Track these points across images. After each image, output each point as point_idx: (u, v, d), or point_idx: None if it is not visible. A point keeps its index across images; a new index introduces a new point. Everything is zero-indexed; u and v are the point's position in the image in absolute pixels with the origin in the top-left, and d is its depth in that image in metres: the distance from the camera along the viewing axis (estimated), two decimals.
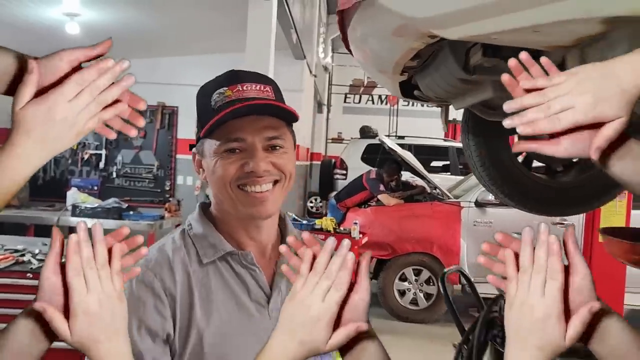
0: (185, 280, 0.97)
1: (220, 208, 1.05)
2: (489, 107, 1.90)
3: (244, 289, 1.00)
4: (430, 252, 5.42)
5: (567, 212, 2.72)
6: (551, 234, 0.77)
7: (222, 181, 0.99)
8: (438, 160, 8.83)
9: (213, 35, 7.25)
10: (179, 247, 1.01)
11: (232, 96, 0.98)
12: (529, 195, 2.34)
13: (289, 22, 6.01)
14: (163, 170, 8.06)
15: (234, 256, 1.01)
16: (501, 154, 2.33)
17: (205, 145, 1.02)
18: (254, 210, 1.00)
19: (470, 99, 1.75)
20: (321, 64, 11.00)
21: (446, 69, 1.53)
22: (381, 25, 1.46)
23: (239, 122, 0.97)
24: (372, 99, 14.35)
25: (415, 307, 5.48)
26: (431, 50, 1.62)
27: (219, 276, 1.00)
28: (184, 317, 0.95)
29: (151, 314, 0.92)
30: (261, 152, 0.98)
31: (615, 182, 2.34)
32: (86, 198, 6.32)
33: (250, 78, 1.01)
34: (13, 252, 3.17)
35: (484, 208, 5.47)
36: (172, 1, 5.97)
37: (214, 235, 1.03)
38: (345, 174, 8.61)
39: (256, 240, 1.04)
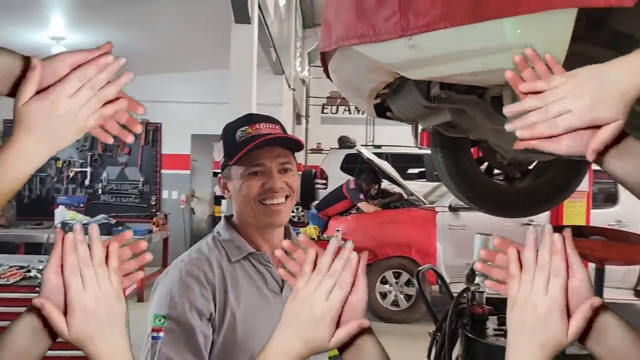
0: (220, 273, 1.25)
1: (242, 219, 1.34)
2: (451, 126, 2.22)
3: (263, 281, 1.29)
4: (409, 256, 5.74)
5: (524, 214, 3.05)
6: (554, 234, 0.77)
7: (248, 197, 1.28)
8: (414, 168, 9.15)
9: (196, 54, 7.48)
10: (212, 249, 1.30)
11: (252, 133, 1.28)
12: (490, 200, 2.67)
13: (269, 42, 6.32)
14: (148, 186, 8.25)
15: (254, 256, 1.30)
16: (465, 165, 2.66)
17: (232, 171, 1.31)
18: (271, 220, 1.29)
19: (434, 121, 2.07)
20: (299, 78, 11.32)
21: (412, 97, 1.85)
22: (358, 64, 1.76)
23: (259, 152, 1.26)
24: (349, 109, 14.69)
25: (396, 308, 5.79)
26: (400, 81, 1.93)
27: (244, 271, 1.29)
28: (221, 301, 1.23)
29: (198, 298, 1.20)
30: (277, 173, 1.28)
31: (565, 185, 2.69)
32: (75, 215, 6.47)
33: (263, 119, 1.32)
34: (19, 269, 3.38)
35: (457, 212, 5.82)
36: (155, 22, 6.17)
37: (238, 239, 1.31)
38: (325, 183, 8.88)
39: (270, 243, 1.33)
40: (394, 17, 1.40)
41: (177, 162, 8.35)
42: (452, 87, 1.68)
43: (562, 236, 0.77)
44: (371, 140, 12.05)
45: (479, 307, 2.35)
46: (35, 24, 5.71)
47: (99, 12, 5.61)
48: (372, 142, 11.41)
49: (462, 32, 1.27)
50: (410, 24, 1.36)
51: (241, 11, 4.71)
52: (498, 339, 2.21)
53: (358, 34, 1.55)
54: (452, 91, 1.69)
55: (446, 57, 1.35)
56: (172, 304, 1.19)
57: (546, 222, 5.27)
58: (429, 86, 1.77)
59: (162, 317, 1.18)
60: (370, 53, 1.56)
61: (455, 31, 1.28)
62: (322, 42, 1.92)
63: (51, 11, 5.34)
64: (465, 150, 2.66)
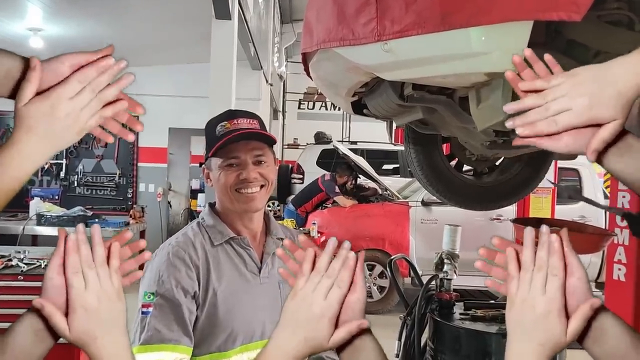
0: (203, 255, 1.38)
1: (222, 206, 1.46)
2: (423, 123, 2.36)
3: (242, 262, 1.42)
4: (383, 249, 5.92)
5: (490, 207, 3.22)
6: (552, 234, 0.77)
7: (225, 187, 1.41)
8: (388, 164, 9.33)
9: (175, 47, 7.48)
10: (197, 233, 1.42)
11: (230, 128, 1.40)
12: (459, 193, 2.83)
13: (248, 37, 6.39)
14: (125, 178, 8.23)
15: (234, 240, 1.43)
16: (436, 160, 2.81)
17: (212, 162, 1.44)
18: (246, 206, 1.42)
19: (407, 118, 2.21)
20: (276, 73, 11.39)
21: (387, 96, 1.98)
22: (337, 64, 1.89)
23: (235, 145, 1.39)
24: (326, 105, 14.80)
25: (370, 299, 5.94)
26: (376, 81, 2.07)
27: (225, 253, 1.41)
28: (204, 280, 1.35)
29: (184, 278, 1.33)
30: (251, 165, 1.40)
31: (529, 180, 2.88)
32: (51, 207, 6.44)
33: (242, 114, 1.44)
34: (1, 258, 3.41)
35: (429, 207, 6.02)
36: (133, 15, 6.16)
37: (220, 225, 1.44)
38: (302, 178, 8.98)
39: (249, 228, 1.45)
40: (372, 23, 1.53)
41: (155, 155, 8.36)
42: (424, 87, 1.82)
43: (560, 236, 0.77)
44: (347, 136, 12.19)
45: (447, 293, 2.51)
46: (12, 15, 5.66)
47: (77, 4, 5.60)
48: (348, 138, 11.55)
49: (432, 38, 1.41)
50: (386, 29, 1.49)
51: (222, 7, 4.78)
52: (463, 322, 2.37)
53: (338, 37, 1.67)
54: (424, 91, 1.83)
55: (418, 61, 1.49)
56: (161, 282, 1.31)
57: (513, 216, 5.50)
58: (402, 86, 1.91)
59: (151, 294, 1.30)
60: (348, 55, 1.69)
61: (426, 38, 1.41)
62: (304, 43, 2.05)
63: (28, 2, 5.32)
64: (436, 146, 2.82)
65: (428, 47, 1.44)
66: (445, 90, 1.87)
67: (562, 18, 1.27)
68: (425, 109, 1.97)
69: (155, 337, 1.25)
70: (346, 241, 0.86)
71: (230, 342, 1.35)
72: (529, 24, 1.32)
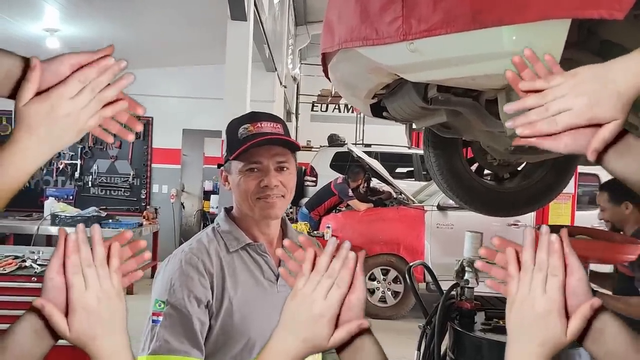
0: (218, 262, 1.32)
1: (240, 211, 1.40)
2: (445, 127, 2.29)
3: (259, 270, 1.36)
4: (397, 253, 5.84)
5: (512, 214, 3.14)
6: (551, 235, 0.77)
7: (245, 193, 1.34)
8: (403, 167, 9.24)
9: (189, 49, 7.49)
10: (212, 239, 1.36)
11: (253, 131, 1.34)
12: (480, 199, 2.76)
13: (263, 39, 6.35)
14: (139, 179, 8.25)
15: (251, 246, 1.37)
16: (456, 164, 2.74)
17: (232, 165, 1.37)
18: (266, 213, 1.35)
19: (429, 122, 2.14)
20: (290, 75, 11.36)
21: (409, 98, 1.91)
22: (358, 65, 1.83)
23: (258, 150, 1.33)
24: (339, 107, 14.75)
25: (384, 304, 5.88)
26: (398, 82, 2.00)
27: (241, 260, 1.35)
28: (219, 288, 1.29)
29: (197, 286, 1.26)
30: (273, 171, 1.34)
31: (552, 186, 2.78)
32: (65, 207, 6.46)
33: (266, 118, 1.37)
34: (14, 258, 3.40)
35: (445, 211, 5.92)
36: (149, 16, 6.19)
37: (236, 231, 1.38)
38: (315, 180, 8.94)
39: (266, 235, 1.39)
40: (397, 22, 1.46)
41: (168, 156, 8.36)
42: (449, 89, 1.75)
43: (560, 236, 0.77)
44: (361, 139, 12.12)
45: (467, 302, 2.43)
46: (29, 16, 5.69)
47: (93, 5, 5.61)
48: (362, 141, 11.49)
49: (462, 38, 1.34)
50: (412, 28, 1.43)
51: (238, 8, 4.75)
52: (485, 333, 2.30)
53: (361, 37, 1.61)
54: (449, 94, 1.76)
55: (445, 62, 1.42)
56: (172, 291, 1.25)
57: (532, 222, 5.40)
58: (426, 88, 1.84)
59: (162, 302, 1.25)
60: (371, 55, 1.62)
61: (455, 37, 1.35)
62: (324, 43, 1.98)
63: (45, 3, 5.33)
64: (457, 150, 2.74)
65: (457, 47, 1.38)
66: (471, 93, 1.80)
67: (603, 16, 1.20)
68: (450, 112, 1.90)
69: (164, 347, 1.21)
70: (346, 241, 0.86)
71: (247, 351, 1.29)
72: (566, 22, 1.25)
